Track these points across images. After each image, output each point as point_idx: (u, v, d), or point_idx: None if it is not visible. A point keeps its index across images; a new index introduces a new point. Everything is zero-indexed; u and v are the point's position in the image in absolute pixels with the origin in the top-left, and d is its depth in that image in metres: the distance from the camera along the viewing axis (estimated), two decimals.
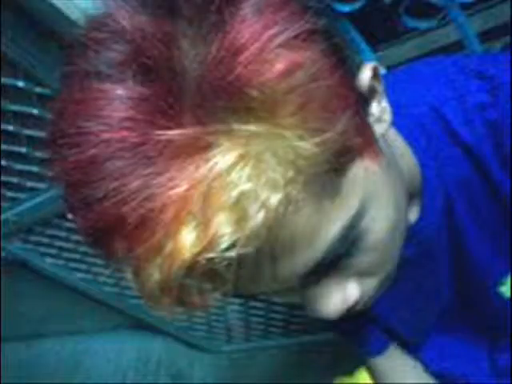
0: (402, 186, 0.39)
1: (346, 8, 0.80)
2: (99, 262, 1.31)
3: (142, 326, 1.65)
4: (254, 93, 0.26)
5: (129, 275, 0.30)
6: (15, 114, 0.95)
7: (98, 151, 0.27)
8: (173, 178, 0.26)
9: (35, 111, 0.93)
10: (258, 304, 1.50)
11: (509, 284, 0.52)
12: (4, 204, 1.15)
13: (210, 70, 0.27)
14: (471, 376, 0.63)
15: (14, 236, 1.28)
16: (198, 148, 0.26)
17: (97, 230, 0.28)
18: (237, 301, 1.48)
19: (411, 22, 0.83)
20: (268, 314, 1.54)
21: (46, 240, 1.30)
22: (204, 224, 0.26)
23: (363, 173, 0.33)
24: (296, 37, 0.28)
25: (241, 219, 0.26)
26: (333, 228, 0.32)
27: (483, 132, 0.44)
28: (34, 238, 1.29)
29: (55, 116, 0.30)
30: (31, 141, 1.00)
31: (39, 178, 1.08)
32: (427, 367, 0.66)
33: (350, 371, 0.93)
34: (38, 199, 1.13)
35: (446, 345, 0.63)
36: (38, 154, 1.02)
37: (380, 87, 0.37)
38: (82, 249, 1.31)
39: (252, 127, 0.27)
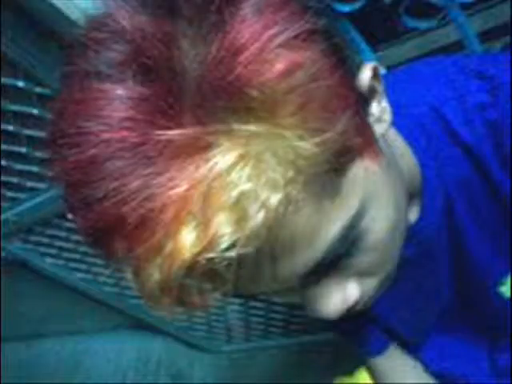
0: (402, 186, 0.39)
1: (346, 8, 0.80)
2: (99, 262, 1.31)
3: (142, 325, 1.65)
4: (254, 93, 0.26)
5: (129, 275, 0.30)
6: (15, 114, 0.95)
7: (98, 151, 0.27)
8: (173, 177, 0.26)
9: (35, 111, 0.93)
10: (258, 304, 1.50)
11: (509, 284, 0.52)
12: (4, 204, 1.15)
13: (210, 70, 0.27)
14: (471, 376, 0.63)
15: (14, 236, 1.28)
16: (198, 148, 0.26)
17: (97, 230, 0.28)
18: (237, 301, 1.48)
19: (411, 22, 0.83)
20: (268, 314, 1.54)
21: (46, 240, 1.30)
22: (204, 224, 0.26)
23: (363, 173, 0.33)
24: (296, 37, 0.28)
25: (241, 219, 0.26)
26: (333, 228, 0.32)
27: (483, 132, 0.44)
28: (33, 238, 1.29)
29: (55, 116, 0.30)
30: (31, 141, 1.00)
31: (39, 178, 1.08)
32: (427, 367, 0.66)
33: (350, 371, 0.93)
34: (38, 199, 1.13)
35: (446, 345, 0.63)
36: (38, 153, 1.02)
37: (380, 87, 0.37)
38: (82, 249, 1.31)
39: (252, 127, 0.27)
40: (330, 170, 0.30)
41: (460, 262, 0.52)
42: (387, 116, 0.37)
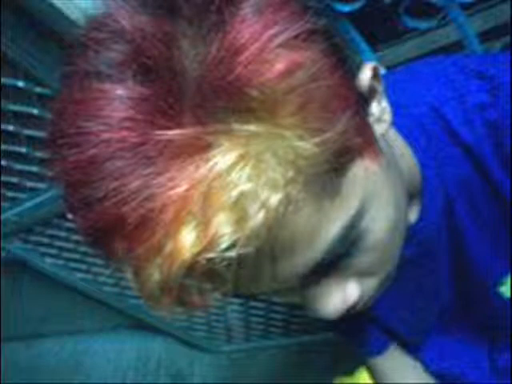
0: (402, 186, 0.39)
1: (346, 8, 0.80)
2: (99, 261, 1.31)
3: (142, 325, 1.66)
4: (254, 93, 0.26)
5: (129, 275, 0.30)
6: (15, 114, 0.94)
7: (98, 151, 0.27)
8: (173, 178, 0.26)
9: (35, 111, 0.93)
10: (258, 304, 1.50)
11: (509, 284, 0.52)
12: (4, 204, 1.15)
13: (210, 70, 0.27)
14: (471, 376, 0.63)
15: (14, 236, 1.28)
16: (198, 148, 0.26)
17: (97, 230, 0.28)
18: (237, 301, 1.48)
19: (411, 22, 0.82)
20: (268, 314, 1.54)
21: (46, 240, 1.30)
22: (204, 224, 0.26)
23: (363, 173, 0.33)
24: (296, 37, 0.28)
25: (241, 219, 0.26)
26: (333, 228, 0.32)
27: (483, 132, 0.44)
28: (33, 238, 1.29)
29: (55, 116, 0.30)
30: (31, 141, 1.00)
31: (39, 178, 1.08)
32: (427, 367, 0.66)
33: (350, 371, 0.93)
34: (38, 199, 1.13)
35: (446, 345, 0.63)
36: (38, 154, 1.02)
37: (380, 87, 0.37)
38: (82, 249, 1.31)
39: (252, 127, 0.27)
40: (330, 170, 0.30)
41: (460, 262, 0.52)
42: (387, 116, 0.37)
